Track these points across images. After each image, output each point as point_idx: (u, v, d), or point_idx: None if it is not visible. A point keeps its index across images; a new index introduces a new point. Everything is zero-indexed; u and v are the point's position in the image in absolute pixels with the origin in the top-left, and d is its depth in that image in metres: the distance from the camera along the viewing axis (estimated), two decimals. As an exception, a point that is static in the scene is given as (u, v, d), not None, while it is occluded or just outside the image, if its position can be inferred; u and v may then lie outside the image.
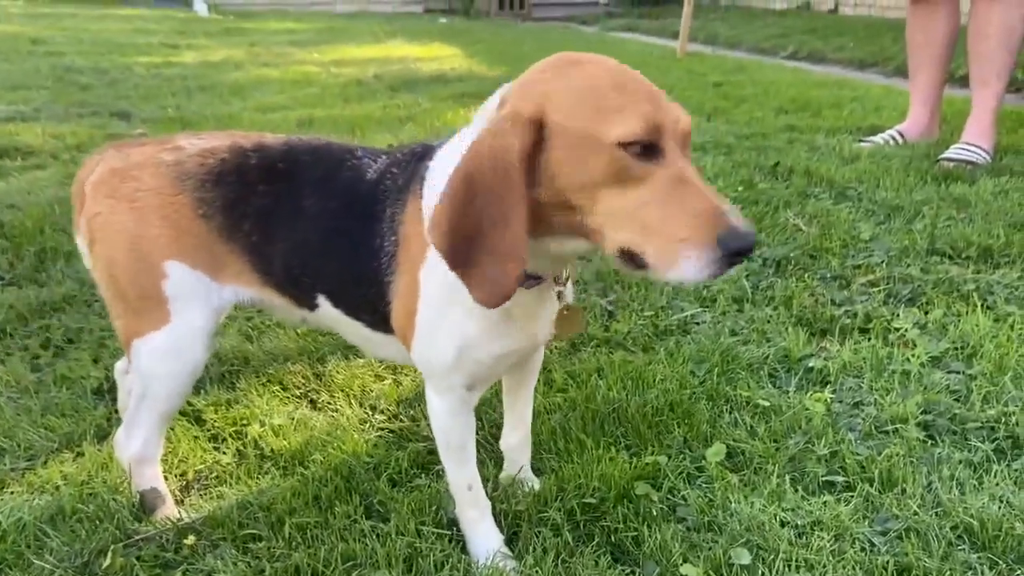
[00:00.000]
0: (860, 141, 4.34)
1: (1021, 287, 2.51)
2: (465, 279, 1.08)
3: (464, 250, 1.06)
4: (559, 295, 1.31)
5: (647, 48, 9.80)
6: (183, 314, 1.43)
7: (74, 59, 7.20)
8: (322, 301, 1.45)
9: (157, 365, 1.47)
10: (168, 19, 11.00)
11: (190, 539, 1.49)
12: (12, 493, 1.65)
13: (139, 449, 1.55)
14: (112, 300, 1.46)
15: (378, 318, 1.41)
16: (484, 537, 1.47)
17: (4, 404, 1.93)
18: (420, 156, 1.36)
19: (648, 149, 1.05)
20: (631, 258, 1.06)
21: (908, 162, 3.84)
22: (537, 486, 1.65)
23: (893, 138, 4.30)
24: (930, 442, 1.79)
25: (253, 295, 1.49)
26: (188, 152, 1.44)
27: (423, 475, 1.69)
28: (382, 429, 1.88)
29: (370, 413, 1.94)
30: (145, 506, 1.59)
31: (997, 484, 1.63)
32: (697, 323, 2.38)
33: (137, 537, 1.50)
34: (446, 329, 1.28)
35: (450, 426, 1.41)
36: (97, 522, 1.53)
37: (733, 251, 1.00)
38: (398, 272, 1.32)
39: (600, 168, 1.04)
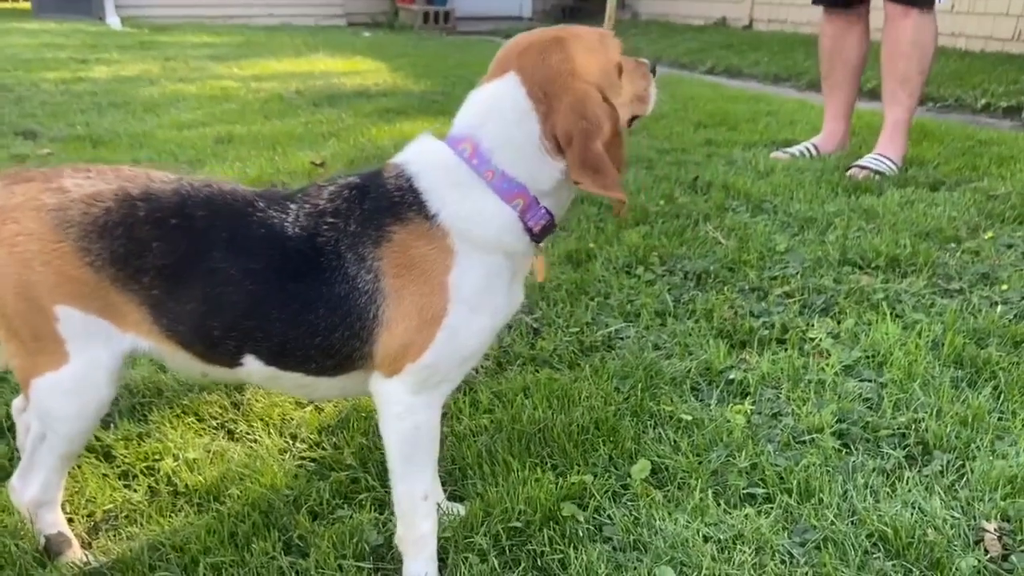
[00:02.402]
0: (777, 151, 4.48)
1: (927, 295, 2.62)
2: (610, 185, 1.34)
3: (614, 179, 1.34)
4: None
5: (570, 62, 9.90)
6: (83, 353, 1.36)
7: (-25, 75, 6.87)
8: (250, 360, 1.39)
9: (58, 405, 1.39)
10: (78, 32, 10.60)
11: (97, 585, 1.42)
12: (-100, 543, 1.54)
13: (37, 494, 1.47)
14: (5, 339, 1.38)
15: (331, 362, 1.38)
16: (426, 562, 1.44)
17: None
18: (355, 198, 1.37)
19: None
20: (633, 120, 1.48)
21: (820, 175, 3.97)
22: (462, 512, 1.63)
23: (808, 150, 4.45)
24: (845, 451, 1.84)
25: (152, 347, 1.41)
26: (72, 196, 1.35)
27: (345, 506, 1.64)
28: (303, 459, 1.83)
29: (291, 442, 1.89)
30: (50, 551, 1.50)
31: (909, 490, 1.68)
32: (621, 338, 2.40)
33: (39, 585, 1.42)
34: (485, 314, 1.37)
35: (427, 424, 1.39)
36: (-5, 571, 1.44)
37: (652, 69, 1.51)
38: (391, 301, 1.32)
39: (617, 77, 1.43)
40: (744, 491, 1.70)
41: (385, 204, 1.34)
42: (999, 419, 1.93)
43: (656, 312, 2.54)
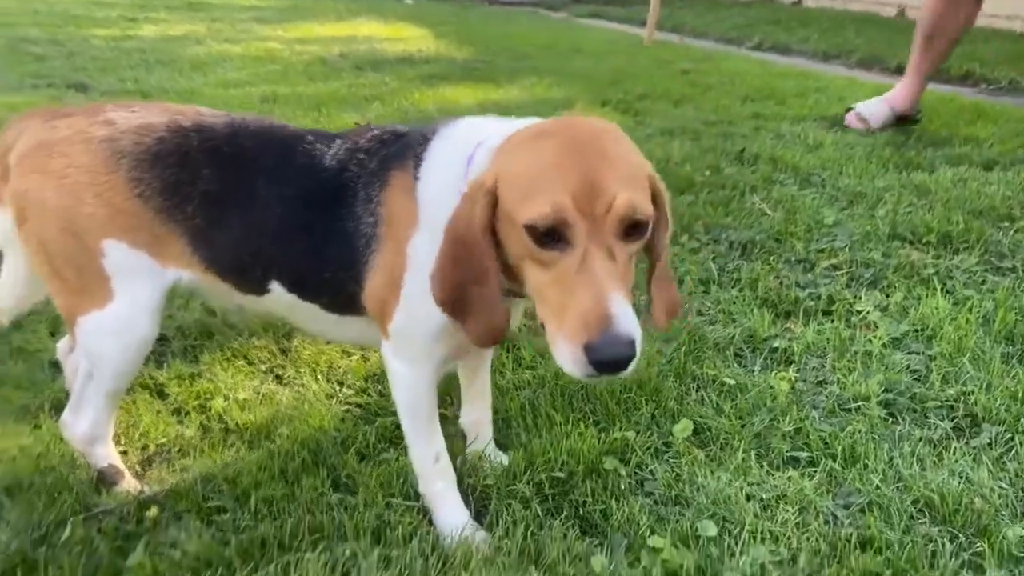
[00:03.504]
0: (849, 110, 4.58)
1: (979, 272, 2.57)
2: (462, 324, 1.19)
3: (459, 302, 1.18)
4: None
5: (614, 35, 9.80)
6: (127, 290, 1.39)
7: (28, 30, 6.98)
8: (275, 287, 1.42)
9: (103, 343, 1.42)
10: (126, -8, 10.72)
11: (152, 511, 1.46)
12: (-36, 465, 1.60)
13: (88, 429, 1.51)
14: (49, 278, 1.40)
15: (340, 299, 1.40)
16: (451, 510, 1.47)
17: (-44, 376, 1.87)
18: (390, 141, 1.38)
19: (553, 235, 1.08)
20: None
21: (871, 150, 3.90)
22: (505, 461, 1.65)
23: (882, 110, 4.42)
24: (891, 420, 1.82)
25: (192, 278, 1.44)
26: (121, 128, 1.37)
27: (391, 449, 1.67)
28: (349, 404, 1.86)
29: (337, 388, 1.92)
30: (105, 480, 1.55)
31: (956, 461, 1.66)
32: (664, 303, 2.39)
33: (97, 510, 1.47)
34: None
35: (422, 396, 1.40)
36: (55, 494, 1.49)
37: (595, 361, 1.02)
38: (379, 250, 1.33)
39: (518, 245, 1.12)
40: (788, 454, 1.70)
41: (403, 151, 1.34)
42: (1051, 395, 1.90)
43: (700, 280, 2.52)
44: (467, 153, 1.28)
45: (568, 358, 1.05)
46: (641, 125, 4.45)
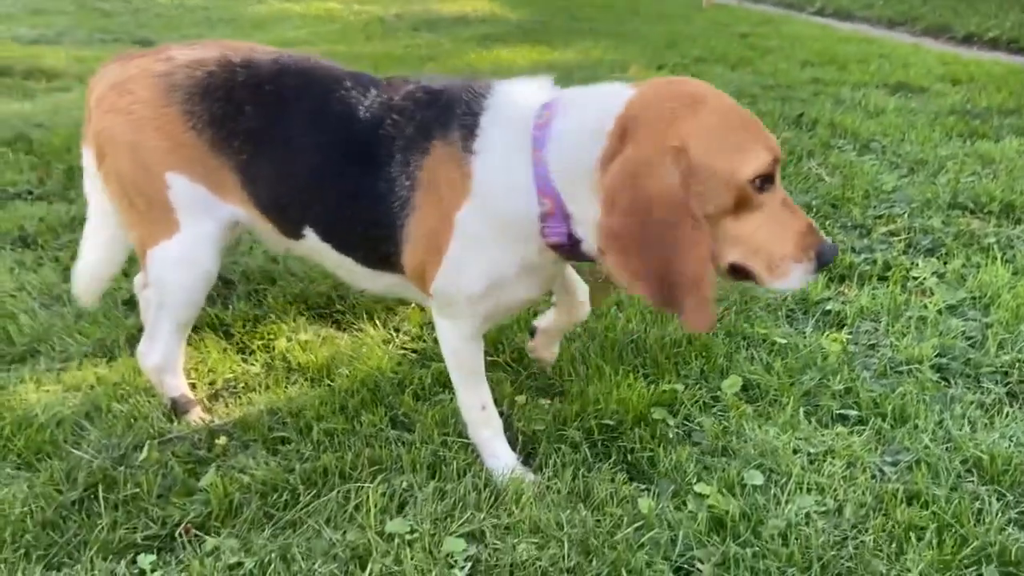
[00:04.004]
0: None
1: (1042, 242, 2.52)
2: (676, 314, 1.19)
3: (667, 292, 1.16)
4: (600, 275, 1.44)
5: (672, -2, 9.63)
6: (191, 223, 1.47)
7: (96, -14, 7.15)
8: (309, 234, 1.47)
9: (171, 273, 1.51)
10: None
11: (221, 439, 1.54)
12: (48, 391, 1.70)
13: (159, 360, 1.60)
14: (125, 211, 1.49)
15: (374, 256, 1.44)
16: (501, 454, 1.52)
17: (38, 309, 1.98)
18: (425, 103, 1.36)
19: (767, 180, 1.18)
20: (738, 271, 1.23)
21: (934, 118, 3.81)
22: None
23: None
24: (944, 383, 1.82)
25: (246, 216, 1.49)
26: (177, 62, 1.44)
27: (444, 392, 1.73)
28: (405, 349, 1.92)
29: (394, 334, 1.98)
30: (177, 409, 1.64)
31: (1008, 425, 1.66)
32: (716, 264, 2.40)
33: (170, 435, 1.56)
34: (482, 264, 1.33)
35: (464, 350, 1.46)
36: (132, 420, 1.58)
37: (824, 263, 1.22)
38: (416, 215, 1.34)
39: (730, 200, 1.17)
40: (837, 412, 1.71)
41: (445, 119, 1.32)
42: (1111, 365, 1.87)
43: (754, 241, 2.51)
44: (526, 120, 1.27)
45: (799, 274, 1.22)
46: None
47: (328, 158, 1.40)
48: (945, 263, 2.39)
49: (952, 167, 3.12)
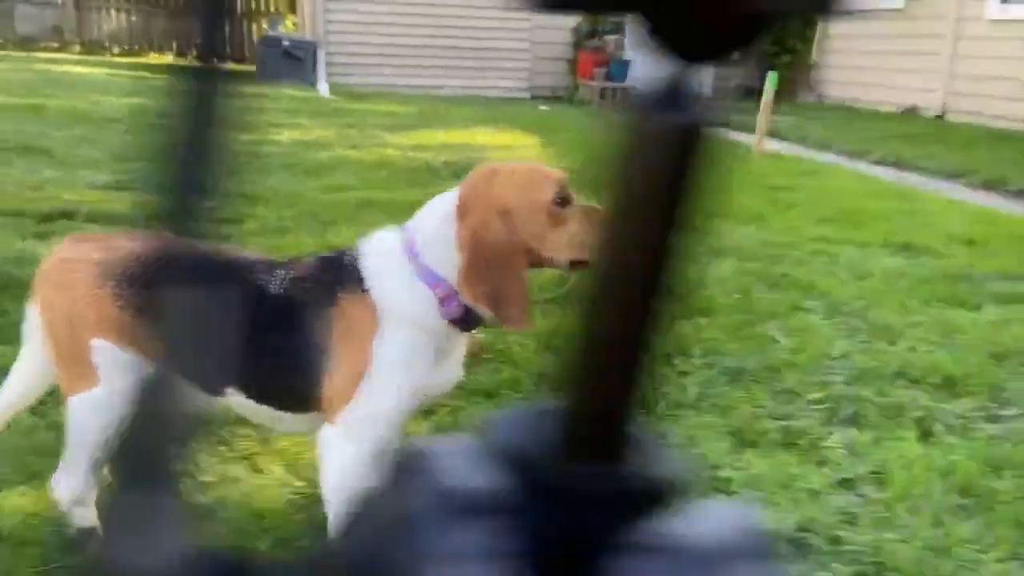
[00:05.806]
0: None
1: (972, 417, 2.52)
2: (505, 320, 1.57)
3: (500, 305, 1.55)
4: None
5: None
6: (109, 379, 1.74)
7: (187, 132, 8.02)
8: (231, 392, 1.73)
9: (87, 418, 1.77)
10: (286, 98, 11.95)
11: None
12: None
13: (75, 492, 1.84)
14: (55, 361, 1.78)
15: (292, 400, 1.71)
16: None
17: None
18: (325, 267, 1.69)
19: (564, 200, 1.57)
20: (576, 263, 1.56)
21: (920, 282, 3.85)
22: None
23: None
24: (792, 559, 1.86)
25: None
26: (117, 254, 1.74)
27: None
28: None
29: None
30: (81, 540, 1.86)
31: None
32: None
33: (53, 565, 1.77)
34: (403, 379, 1.61)
35: (355, 473, 1.64)
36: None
37: None
38: (337, 356, 1.62)
39: (544, 219, 1.57)
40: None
41: (339, 277, 1.65)
42: (976, 551, 1.87)
43: (676, 403, 2.62)
44: (395, 247, 1.62)
45: None
46: (695, 244, 4.56)
47: (250, 332, 1.66)
48: (861, 434, 2.43)
49: (912, 335, 3.15)
